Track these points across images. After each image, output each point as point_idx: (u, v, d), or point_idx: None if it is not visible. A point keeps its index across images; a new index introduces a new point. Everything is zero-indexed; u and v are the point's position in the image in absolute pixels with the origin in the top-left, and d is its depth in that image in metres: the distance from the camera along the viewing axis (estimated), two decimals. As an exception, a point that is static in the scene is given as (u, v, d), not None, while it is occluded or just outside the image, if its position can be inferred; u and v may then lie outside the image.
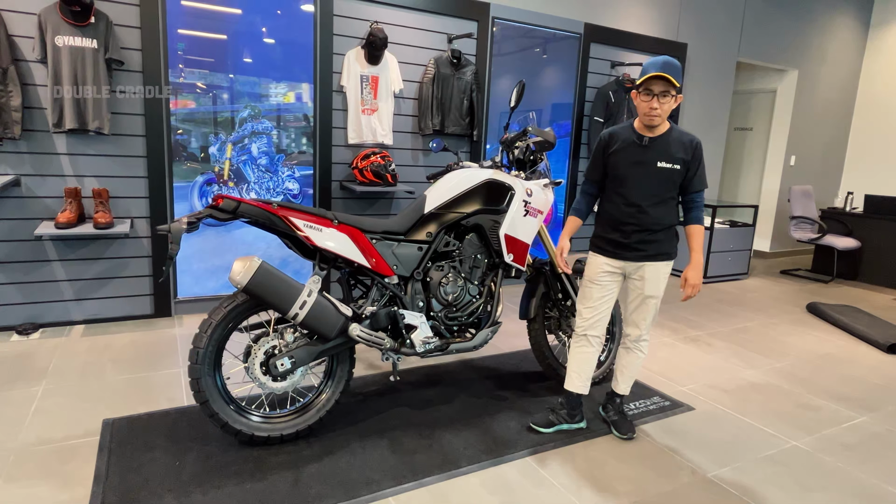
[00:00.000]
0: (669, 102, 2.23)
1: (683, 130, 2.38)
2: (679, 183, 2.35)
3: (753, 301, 5.12)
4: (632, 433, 2.53)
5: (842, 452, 2.53)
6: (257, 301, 2.18)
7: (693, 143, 2.33)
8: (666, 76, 2.16)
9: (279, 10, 3.86)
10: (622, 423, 2.56)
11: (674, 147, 2.31)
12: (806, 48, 6.98)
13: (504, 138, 2.84)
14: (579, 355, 2.52)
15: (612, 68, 5.32)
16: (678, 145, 2.31)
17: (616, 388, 2.61)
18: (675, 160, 2.30)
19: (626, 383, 2.59)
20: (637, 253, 2.38)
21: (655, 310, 2.47)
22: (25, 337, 3.35)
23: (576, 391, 2.52)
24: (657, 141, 2.32)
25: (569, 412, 2.55)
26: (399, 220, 2.57)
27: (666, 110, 2.25)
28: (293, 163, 4.09)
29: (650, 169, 2.32)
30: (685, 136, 2.34)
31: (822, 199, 7.59)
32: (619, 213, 2.39)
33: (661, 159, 2.31)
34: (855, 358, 3.76)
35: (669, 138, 2.32)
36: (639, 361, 2.56)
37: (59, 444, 2.26)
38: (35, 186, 3.35)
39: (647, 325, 2.49)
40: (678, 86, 2.20)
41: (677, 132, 2.35)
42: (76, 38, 3.20)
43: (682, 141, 2.32)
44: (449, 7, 4.38)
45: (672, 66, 2.19)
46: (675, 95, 2.23)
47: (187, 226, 2.05)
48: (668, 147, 2.31)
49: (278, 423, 2.31)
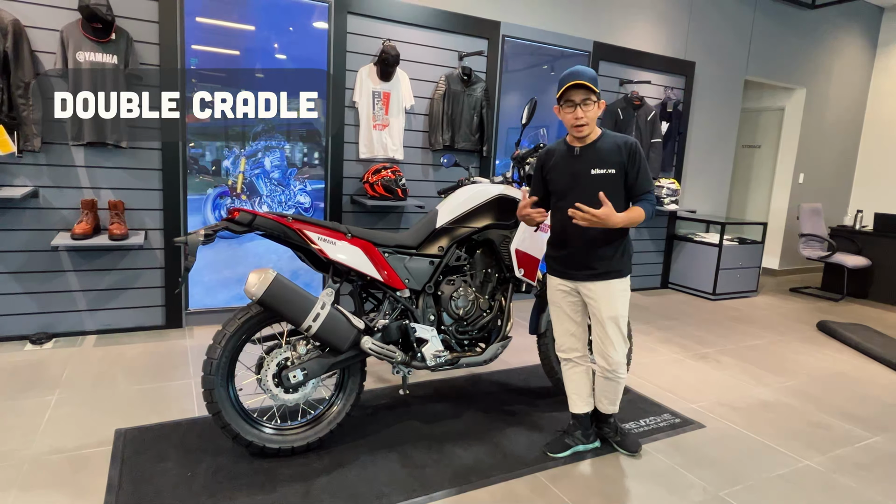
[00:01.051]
0: (593, 109, 2.22)
1: (618, 134, 2.34)
2: (622, 188, 2.27)
3: (763, 319, 5.09)
4: (638, 448, 2.51)
5: (855, 472, 2.50)
6: (272, 313, 2.20)
7: (627, 144, 2.27)
8: (583, 83, 2.18)
9: (292, 27, 3.94)
10: (625, 440, 2.53)
11: (606, 152, 2.26)
12: (814, 67, 7.01)
13: (516, 154, 2.88)
14: (572, 377, 2.52)
15: (620, 86, 5.37)
16: (612, 149, 2.26)
17: (603, 410, 2.51)
18: (610, 164, 2.25)
19: (612, 404, 2.50)
20: (586, 272, 2.31)
21: (621, 332, 2.34)
22: (39, 346, 3.38)
23: (581, 412, 2.51)
24: (588, 149, 2.29)
25: (583, 433, 2.51)
26: (411, 235, 2.60)
27: (591, 117, 2.24)
28: (305, 177, 4.14)
29: (585, 179, 2.27)
30: (619, 139, 2.29)
31: (832, 216, 7.57)
32: (563, 228, 2.33)
33: (594, 167, 2.26)
34: (867, 377, 3.73)
35: (601, 144, 2.28)
36: (619, 387, 2.44)
37: (71, 454, 2.28)
38: (53, 198, 3.41)
39: (616, 351, 2.34)
40: (597, 91, 2.21)
41: (610, 137, 2.31)
42: (97, 55, 3.28)
43: (617, 143, 2.27)
44: (460, 25, 4.45)
45: (586, 73, 2.21)
46: (596, 101, 2.23)
47: (204, 238, 2.08)
48: (600, 153, 2.27)
49: (289, 435, 2.32)
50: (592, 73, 2.23)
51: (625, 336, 2.38)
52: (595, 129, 2.30)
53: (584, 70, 2.23)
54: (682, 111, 5.74)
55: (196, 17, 3.62)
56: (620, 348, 2.35)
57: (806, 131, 7.14)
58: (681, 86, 5.78)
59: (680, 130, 5.76)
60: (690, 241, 5.88)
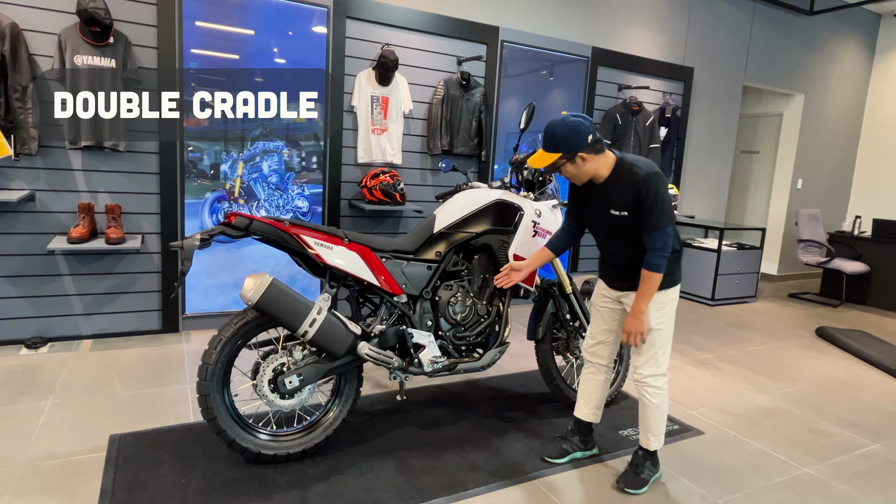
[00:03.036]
0: (576, 166, 2.10)
1: (634, 166, 2.10)
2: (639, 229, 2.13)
3: (762, 324, 5.08)
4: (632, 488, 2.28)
5: (855, 480, 2.49)
6: (267, 318, 2.19)
7: (638, 184, 2.06)
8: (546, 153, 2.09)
9: (291, 32, 3.93)
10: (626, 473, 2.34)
11: (621, 192, 2.11)
12: (812, 73, 7.03)
13: (514, 159, 2.87)
14: (588, 382, 2.47)
15: (619, 91, 5.38)
16: (625, 189, 2.09)
17: (640, 440, 2.35)
18: (623, 206, 2.11)
19: (645, 434, 2.30)
20: (625, 283, 2.26)
21: (656, 346, 2.20)
22: (34, 351, 3.36)
23: (585, 419, 2.47)
24: (605, 187, 2.16)
25: (581, 439, 2.48)
26: (409, 240, 2.59)
27: (583, 172, 2.12)
28: (303, 181, 4.13)
29: (607, 217, 2.19)
30: (637, 175, 2.07)
31: (830, 222, 7.57)
32: (602, 248, 2.34)
33: (612, 206, 2.15)
34: (866, 384, 3.72)
35: (616, 181, 2.12)
36: (648, 410, 2.26)
37: (65, 460, 2.26)
38: (49, 201, 3.40)
39: (648, 362, 2.22)
40: (567, 153, 2.06)
41: (626, 172, 2.10)
42: (95, 58, 3.27)
43: (633, 181, 2.07)
44: (459, 30, 4.45)
45: (549, 137, 2.08)
46: (568, 161, 2.09)
47: (200, 242, 2.07)
48: (615, 192, 2.13)
49: (285, 441, 2.30)
50: (559, 136, 2.07)
51: (658, 353, 2.21)
52: (602, 167, 2.13)
53: (552, 132, 2.09)
54: (680, 117, 5.75)
55: (195, 21, 3.62)
56: (650, 363, 2.22)
57: (804, 137, 7.15)
58: (679, 91, 5.79)
59: (678, 136, 5.77)
60: (689, 246, 5.87)
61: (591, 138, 2.06)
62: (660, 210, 2.06)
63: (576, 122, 2.07)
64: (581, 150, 2.07)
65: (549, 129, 2.11)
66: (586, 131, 2.06)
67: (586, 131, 2.06)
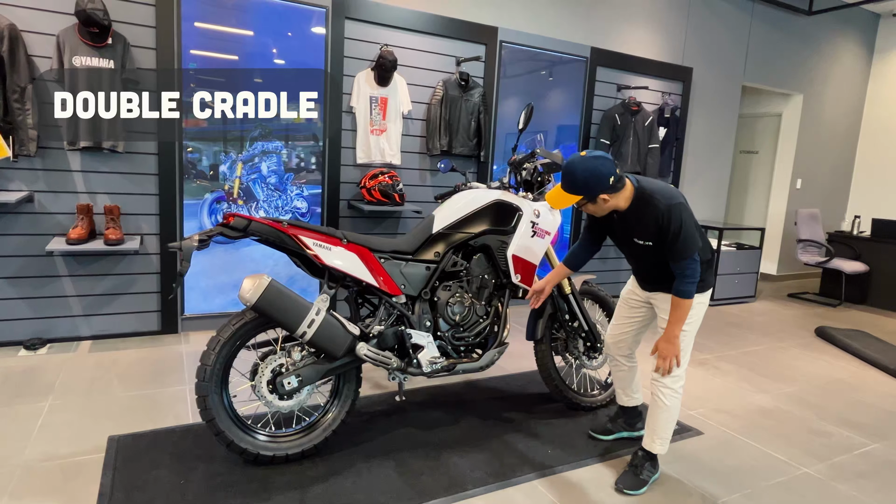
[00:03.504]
0: (597, 205, 2.08)
1: (653, 197, 2.07)
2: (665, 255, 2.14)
3: (761, 324, 5.08)
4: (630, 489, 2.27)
5: (855, 480, 2.48)
6: (266, 319, 2.19)
7: (659, 218, 2.05)
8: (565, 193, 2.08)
9: (290, 32, 3.93)
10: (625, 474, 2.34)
11: (642, 223, 2.11)
12: (811, 73, 7.03)
13: (513, 160, 2.87)
14: (617, 373, 2.65)
15: (618, 91, 5.38)
16: (647, 220, 2.09)
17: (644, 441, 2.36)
18: (647, 237, 2.12)
19: (650, 436, 2.31)
20: (654, 286, 2.33)
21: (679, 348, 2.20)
22: (33, 352, 3.36)
23: (624, 405, 2.65)
24: (625, 217, 2.16)
25: (626, 421, 2.63)
26: (407, 240, 2.59)
27: (603, 209, 2.10)
28: (302, 181, 4.13)
29: (630, 244, 2.22)
30: (659, 208, 2.05)
31: (829, 222, 7.57)
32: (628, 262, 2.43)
33: (635, 235, 2.16)
34: (866, 384, 3.71)
35: (636, 213, 2.11)
36: (659, 412, 2.27)
37: (64, 461, 2.25)
38: (48, 202, 3.40)
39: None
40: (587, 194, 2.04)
41: (644, 205, 2.08)
42: (94, 59, 3.27)
43: (651, 215, 2.07)
44: (458, 31, 4.45)
45: (570, 179, 2.04)
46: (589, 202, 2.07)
47: (198, 243, 2.07)
48: (637, 223, 2.13)
49: (284, 442, 2.30)
50: (579, 178, 2.02)
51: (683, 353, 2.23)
52: (622, 200, 2.10)
53: (572, 175, 2.04)
54: (679, 117, 5.75)
55: (194, 22, 3.62)
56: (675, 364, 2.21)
57: (803, 137, 7.15)
58: (678, 91, 5.79)
59: (677, 136, 5.76)
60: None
61: (612, 180, 2.01)
62: (684, 240, 2.04)
63: (596, 164, 2.01)
64: (602, 194, 2.04)
65: (569, 171, 2.05)
66: (607, 173, 2.01)
67: (607, 173, 2.01)
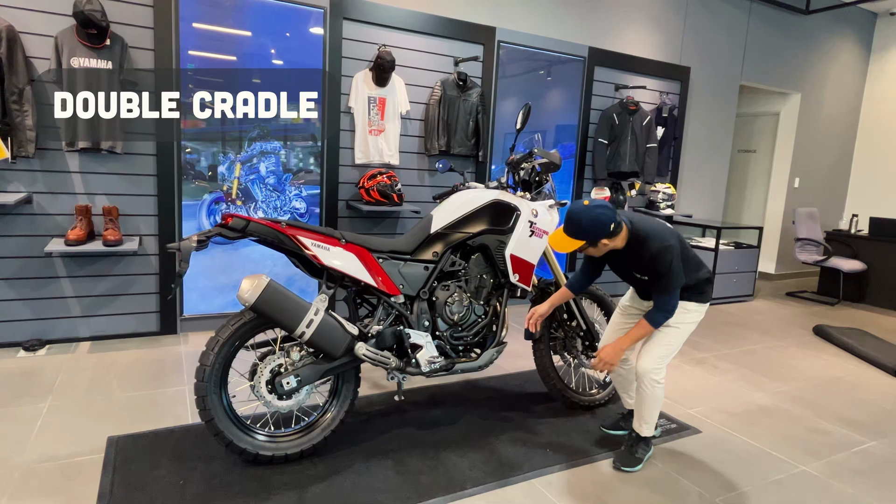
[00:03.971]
0: (597, 248, 2.27)
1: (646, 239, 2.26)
2: None
3: (759, 323, 5.09)
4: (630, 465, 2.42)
5: (852, 478, 2.49)
6: (265, 319, 2.19)
7: (651, 259, 2.25)
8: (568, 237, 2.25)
9: (288, 33, 3.94)
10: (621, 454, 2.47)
11: (638, 260, 2.30)
12: (808, 72, 7.04)
13: (510, 159, 2.88)
14: (615, 379, 2.75)
15: (616, 91, 5.38)
16: (642, 259, 2.28)
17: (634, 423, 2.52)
18: (643, 272, 2.34)
19: (639, 419, 2.47)
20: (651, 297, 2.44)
21: (665, 343, 2.37)
22: (32, 353, 3.36)
23: (630, 408, 2.69)
24: (622, 255, 2.34)
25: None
26: (406, 240, 2.59)
27: (603, 251, 2.29)
28: (300, 182, 4.13)
29: (630, 275, 2.45)
30: (651, 250, 2.24)
31: (827, 221, 7.58)
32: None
33: (634, 269, 2.38)
34: (863, 382, 3.73)
35: (632, 252, 2.30)
36: (646, 401, 2.41)
37: (63, 462, 2.26)
38: (46, 204, 3.40)
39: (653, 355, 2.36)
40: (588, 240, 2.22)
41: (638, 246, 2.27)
42: (92, 60, 3.27)
43: (646, 255, 2.26)
44: (456, 31, 4.46)
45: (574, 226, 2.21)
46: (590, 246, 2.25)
47: (197, 244, 2.07)
48: (634, 260, 2.33)
49: (283, 442, 2.30)
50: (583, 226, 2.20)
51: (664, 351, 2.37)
52: (619, 241, 2.28)
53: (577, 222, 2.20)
54: (677, 116, 5.76)
55: (192, 23, 3.62)
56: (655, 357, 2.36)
57: (801, 136, 7.17)
58: (676, 91, 5.80)
59: (675, 135, 5.77)
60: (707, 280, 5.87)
61: (612, 227, 2.21)
62: (669, 280, 2.25)
63: (598, 214, 2.20)
64: (603, 239, 2.24)
65: (573, 218, 2.22)
66: (608, 221, 2.20)
67: (608, 221, 2.20)
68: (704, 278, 2.42)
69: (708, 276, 2.44)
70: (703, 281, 2.41)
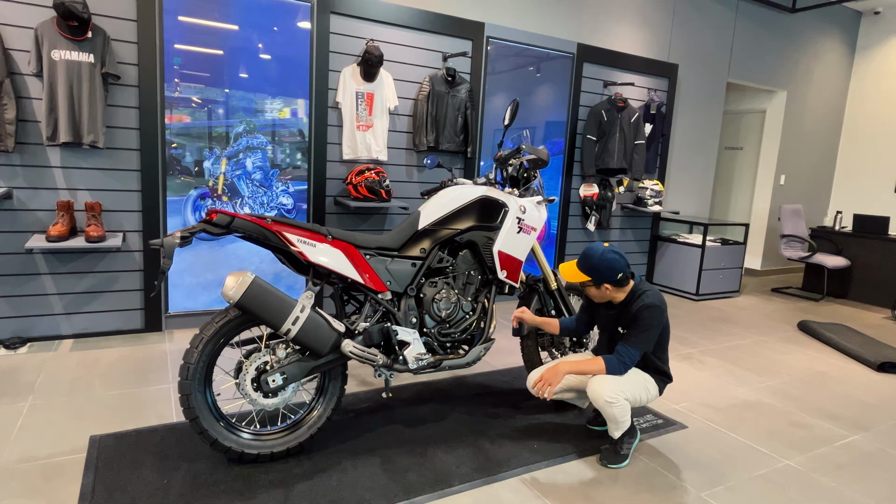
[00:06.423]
0: (599, 291, 2.43)
1: (644, 294, 2.40)
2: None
3: (745, 319, 5.14)
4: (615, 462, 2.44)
5: (835, 472, 2.52)
6: (250, 316, 2.17)
7: (641, 308, 2.37)
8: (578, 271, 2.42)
9: (276, 27, 3.89)
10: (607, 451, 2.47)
11: (628, 314, 2.43)
12: (794, 70, 7.11)
13: (498, 156, 2.87)
14: (560, 397, 2.73)
15: (604, 88, 5.40)
16: (633, 312, 2.40)
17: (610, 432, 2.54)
18: (626, 326, 2.44)
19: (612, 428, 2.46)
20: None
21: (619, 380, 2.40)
22: (13, 351, 3.30)
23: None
24: (616, 309, 2.50)
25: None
26: (393, 236, 2.58)
27: (603, 297, 2.45)
28: (287, 178, 4.09)
29: (613, 330, 2.53)
30: (639, 302, 2.39)
31: (812, 217, 7.69)
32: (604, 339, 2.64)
33: (621, 325, 2.49)
34: (846, 376, 3.77)
35: (627, 307, 2.44)
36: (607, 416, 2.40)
37: (44, 462, 2.22)
38: (27, 199, 3.34)
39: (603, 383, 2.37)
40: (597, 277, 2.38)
41: (635, 300, 2.41)
42: (73, 53, 3.21)
43: (637, 306, 2.38)
44: (444, 26, 4.44)
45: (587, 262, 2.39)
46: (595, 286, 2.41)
47: (180, 240, 2.04)
48: (624, 315, 2.46)
49: (269, 440, 2.28)
50: (595, 265, 2.38)
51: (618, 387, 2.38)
52: (620, 295, 2.45)
53: (591, 259, 2.39)
54: (665, 113, 5.79)
55: (177, 16, 3.57)
56: (604, 382, 2.38)
57: (787, 133, 7.24)
58: (664, 88, 5.82)
59: (663, 132, 5.80)
60: (674, 241, 5.92)
61: (619, 276, 2.38)
62: (642, 335, 2.37)
63: (612, 259, 2.38)
64: (607, 283, 2.40)
65: (588, 254, 2.42)
66: (618, 269, 2.38)
67: (618, 269, 2.38)
68: (664, 370, 2.53)
69: (667, 371, 2.54)
70: (662, 371, 2.53)
